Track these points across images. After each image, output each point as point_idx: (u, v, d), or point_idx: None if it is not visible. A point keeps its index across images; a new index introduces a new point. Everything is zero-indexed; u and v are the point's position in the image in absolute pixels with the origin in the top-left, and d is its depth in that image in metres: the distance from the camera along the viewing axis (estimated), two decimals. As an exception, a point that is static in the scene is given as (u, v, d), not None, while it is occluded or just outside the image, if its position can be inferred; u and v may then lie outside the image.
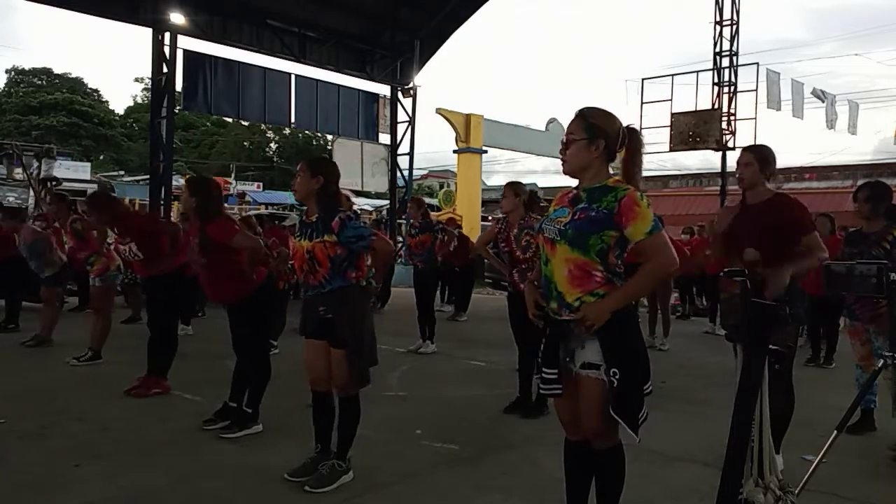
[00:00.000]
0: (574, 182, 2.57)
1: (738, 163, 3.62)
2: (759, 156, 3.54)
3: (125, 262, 5.88)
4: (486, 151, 21.40)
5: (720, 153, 16.06)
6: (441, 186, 37.58)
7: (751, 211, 3.53)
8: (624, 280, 2.44)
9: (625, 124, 2.53)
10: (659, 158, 26.28)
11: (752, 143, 15.93)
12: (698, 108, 16.19)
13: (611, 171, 2.53)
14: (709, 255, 7.73)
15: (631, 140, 2.51)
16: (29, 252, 7.06)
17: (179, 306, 5.28)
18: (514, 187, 4.95)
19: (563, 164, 2.54)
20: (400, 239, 17.43)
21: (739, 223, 3.53)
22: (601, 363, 2.37)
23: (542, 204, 5.32)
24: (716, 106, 15.95)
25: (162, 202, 13.19)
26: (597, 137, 2.45)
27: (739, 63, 15.98)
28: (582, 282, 2.40)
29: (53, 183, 17.25)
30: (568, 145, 2.50)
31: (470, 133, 20.04)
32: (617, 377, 2.34)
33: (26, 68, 46.46)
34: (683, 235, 11.06)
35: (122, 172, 38.38)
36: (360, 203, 34.93)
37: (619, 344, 2.37)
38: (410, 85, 17.23)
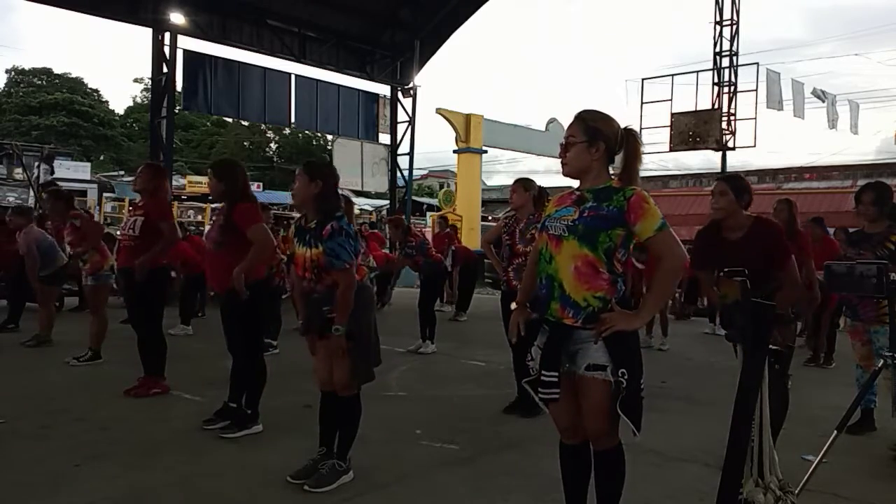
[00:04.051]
0: (574, 183, 2.58)
1: (712, 192, 3.56)
2: (734, 185, 3.48)
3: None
4: (486, 151, 21.40)
5: (720, 153, 16.07)
6: (441, 186, 37.56)
7: (731, 247, 3.43)
8: (625, 283, 2.47)
9: (623, 126, 2.54)
10: (659, 158, 26.33)
11: (752, 143, 16.09)
12: (698, 108, 16.22)
13: (610, 173, 2.54)
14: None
15: (629, 141, 2.52)
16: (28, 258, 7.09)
17: (162, 304, 5.25)
18: (523, 183, 4.99)
19: (562, 167, 2.56)
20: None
21: (721, 260, 3.38)
22: (607, 364, 2.37)
23: (549, 199, 5.33)
24: (716, 106, 15.97)
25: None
26: (597, 140, 2.47)
27: (739, 63, 16.00)
28: (588, 279, 2.40)
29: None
30: (568, 148, 2.52)
31: (470, 133, 20.03)
32: (625, 377, 2.36)
33: (26, 68, 46.46)
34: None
35: (122, 172, 38.34)
36: (360, 203, 34.94)
37: (624, 345, 2.39)
38: (410, 85, 17.25)
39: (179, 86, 13.59)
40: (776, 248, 3.41)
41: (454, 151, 20.93)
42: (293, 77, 15.42)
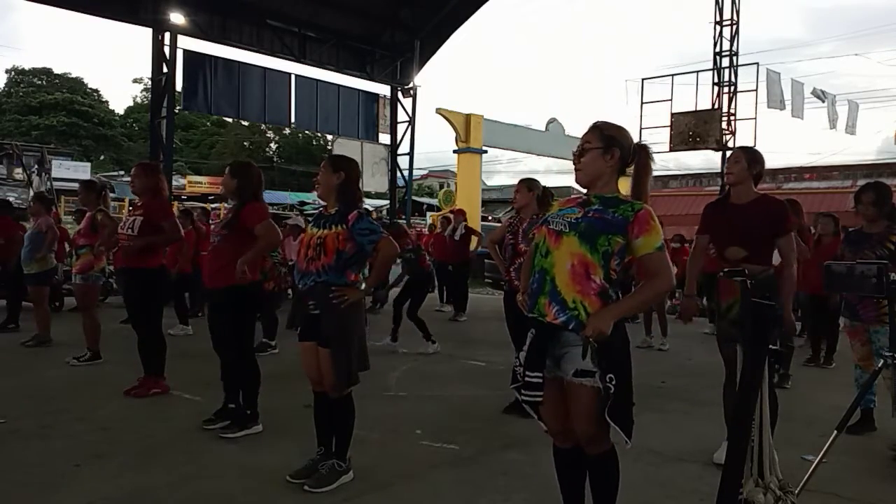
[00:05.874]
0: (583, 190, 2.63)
1: (727, 160, 3.77)
2: (749, 155, 3.66)
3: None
4: (486, 151, 21.39)
5: (720, 153, 16.07)
6: (441, 186, 37.61)
7: (737, 210, 3.62)
8: (616, 292, 2.46)
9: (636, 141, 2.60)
10: (660, 158, 26.32)
11: (752, 143, 16.15)
12: (698, 108, 16.21)
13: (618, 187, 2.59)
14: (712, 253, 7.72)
15: (641, 156, 2.56)
16: (30, 240, 7.10)
17: (159, 304, 5.25)
18: (527, 183, 5.01)
19: (576, 173, 2.58)
20: (400, 239, 17.42)
21: (724, 222, 3.66)
22: (595, 370, 2.35)
23: (555, 199, 5.34)
24: (716, 106, 15.97)
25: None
26: (612, 147, 2.51)
27: (739, 63, 16.00)
28: (581, 281, 2.39)
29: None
30: (583, 153, 2.55)
31: (470, 133, 20.03)
32: (613, 382, 2.33)
33: (26, 68, 46.50)
34: (674, 244, 10.94)
35: (121, 172, 38.35)
36: (360, 203, 34.91)
37: (612, 349, 2.36)
38: (410, 85, 17.25)
39: (179, 86, 13.59)
40: (781, 216, 3.57)
41: (454, 151, 20.92)
42: (293, 77, 15.42)
